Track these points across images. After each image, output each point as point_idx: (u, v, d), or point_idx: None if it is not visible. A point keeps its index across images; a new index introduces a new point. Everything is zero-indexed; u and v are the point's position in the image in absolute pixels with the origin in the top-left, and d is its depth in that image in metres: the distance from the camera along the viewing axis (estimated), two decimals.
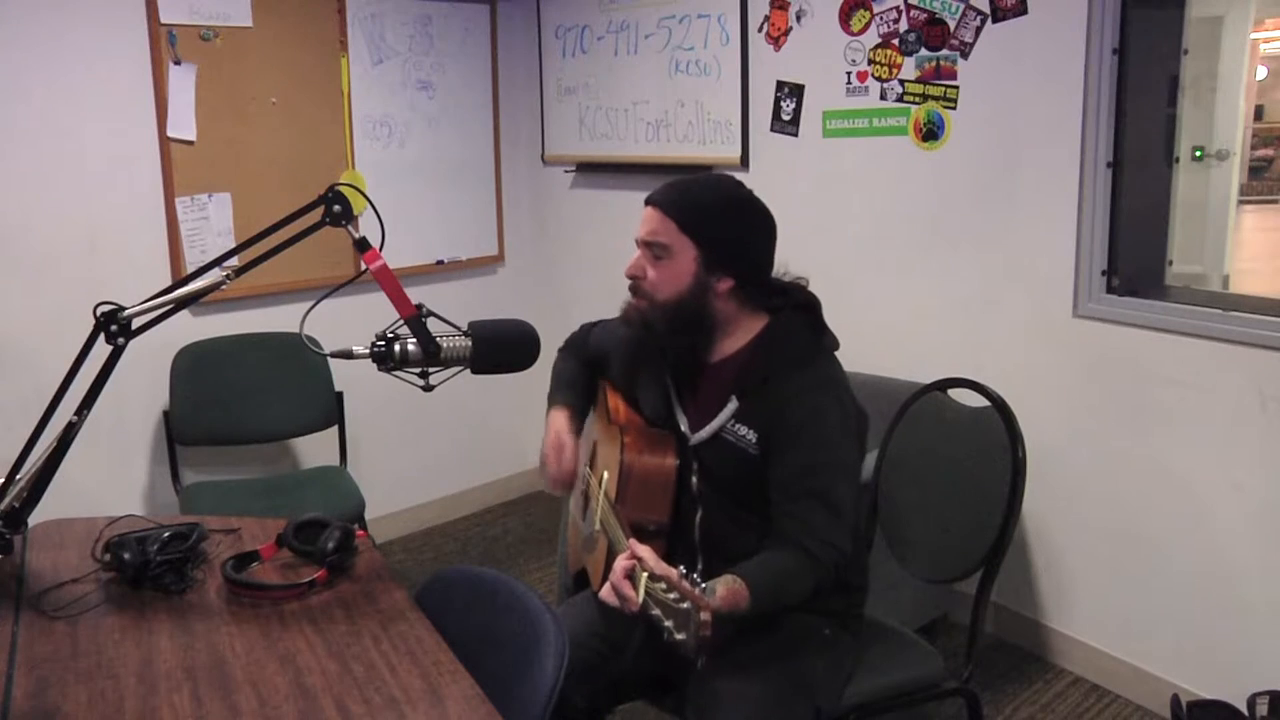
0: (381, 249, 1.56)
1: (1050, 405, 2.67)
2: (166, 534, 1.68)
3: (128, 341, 1.55)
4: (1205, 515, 2.44)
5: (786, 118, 3.14)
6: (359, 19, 3.42)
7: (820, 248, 3.04)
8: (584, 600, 1.89)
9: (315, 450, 3.47)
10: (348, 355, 1.54)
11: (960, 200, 2.79)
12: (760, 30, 3.17)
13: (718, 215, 1.69)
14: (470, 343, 1.56)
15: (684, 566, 1.39)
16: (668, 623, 1.31)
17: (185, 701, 1.32)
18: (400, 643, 1.49)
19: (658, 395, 1.85)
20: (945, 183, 2.81)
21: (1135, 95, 2.51)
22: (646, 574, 1.36)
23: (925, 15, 2.75)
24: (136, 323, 1.56)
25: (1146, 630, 2.60)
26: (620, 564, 1.43)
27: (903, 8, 2.80)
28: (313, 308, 1.67)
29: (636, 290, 1.76)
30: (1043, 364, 2.69)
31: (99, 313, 1.54)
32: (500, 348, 1.59)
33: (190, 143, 3.11)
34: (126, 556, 1.62)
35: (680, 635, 1.29)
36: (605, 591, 1.45)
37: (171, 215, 3.10)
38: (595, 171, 3.82)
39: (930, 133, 2.81)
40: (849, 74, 2.96)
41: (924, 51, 2.78)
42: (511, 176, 3.98)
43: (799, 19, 3.06)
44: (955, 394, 2.11)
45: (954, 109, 2.75)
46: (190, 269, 3.10)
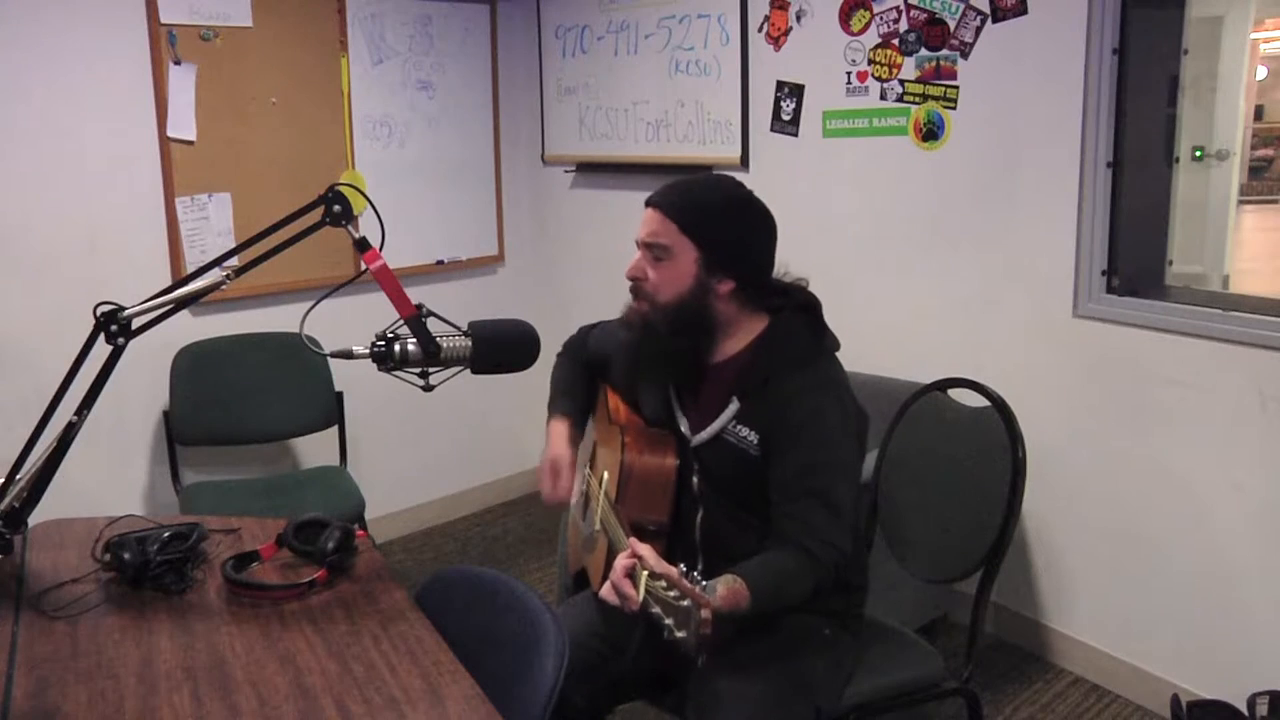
0: (381, 249, 1.56)
1: (1050, 405, 2.67)
2: (166, 534, 1.68)
3: (128, 341, 1.55)
4: (1205, 515, 2.44)
5: (786, 118, 3.14)
6: (359, 19, 3.42)
7: (820, 248, 3.04)
8: (584, 600, 1.89)
9: (315, 450, 3.47)
10: (348, 355, 1.54)
11: (960, 200, 2.79)
12: (760, 30, 3.17)
13: (718, 216, 1.69)
14: (470, 343, 1.56)
15: (684, 565, 1.39)
16: (668, 620, 1.31)
17: (185, 701, 1.32)
18: (400, 643, 1.49)
19: (658, 398, 1.85)
20: (945, 183, 2.81)
21: (1135, 95, 2.51)
22: (647, 572, 1.36)
23: (925, 15, 2.75)
24: (136, 323, 1.56)
25: (1146, 630, 2.60)
26: (621, 562, 1.43)
27: (903, 8, 2.80)
28: (313, 308, 1.67)
29: (638, 292, 1.75)
30: (1043, 364, 2.69)
31: (99, 313, 1.54)
32: (500, 348, 1.59)
33: (190, 143, 3.11)
34: (126, 556, 1.62)
35: (681, 633, 1.29)
36: (605, 590, 1.45)
37: (171, 215, 3.10)
38: (595, 171, 3.82)
39: (930, 133, 2.81)
40: (849, 74, 2.96)
41: (924, 51, 2.78)
42: (511, 176, 3.98)
43: (799, 19, 3.06)
44: (955, 394, 2.11)
45: (954, 109, 2.75)
46: (190, 269, 3.10)
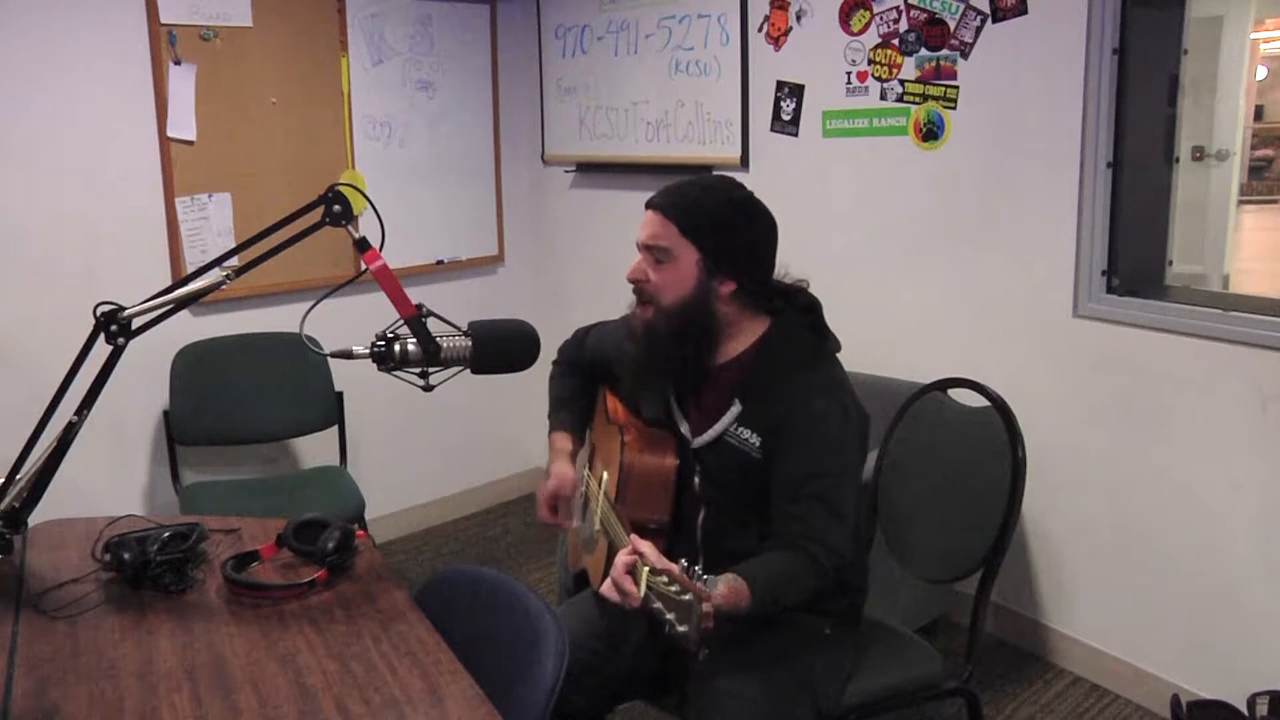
0: (381, 249, 1.56)
1: (1050, 405, 2.67)
2: (166, 534, 1.68)
3: (128, 341, 1.55)
4: (1205, 515, 2.44)
5: (786, 118, 3.14)
6: (359, 19, 3.42)
7: (820, 248, 3.04)
8: (584, 600, 1.89)
9: (315, 450, 3.47)
10: (348, 355, 1.54)
11: (960, 200, 2.79)
12: (760, 30, 3.16)
13: (718, 218, 1.69)
14: (470, 343, 1.56)
15: (685, 561, 1.39)
16: (670, 615, 1.31)
17: (185, 701, 1.32)
18: (400, 643, 1.48)
19: (658, 400, 1.85)
20: (945, 183, 2.81)
21: (1135, 95, 2.50)
22: (648, 568, 1.36)
23: (925, 15, 2.75)
24: (136, 323, 1.56)
25: (1146, 630, 2.60)
26: (621, 559, 1.43)
27: (903, 8, 2.80)
28: (313, 308, 1.67)
29: (641, 295, 1.75)
30: (1043, 364, 2.69)
31: (99, 313, 1.54)
32: (500, 348, 1.59)
33: (190, 143, 3.11)
34: (126, 556, 1.62)
35: (683, 628, 1.29)
36: (606, 587, 1.45)
37: (171, 215, 3.10)
38: (595, 171, 3.82)
39: (930, 133, 2.81)
40: (849, 74, 2.96)
41: (924, 51, 2.78)
42: (511, 176, 3.98)
43: (799, 19, 3.06)
44: (955, 394, 2.11)
45: (954, 109, 2.75)
46: (190, 269, 3.10)
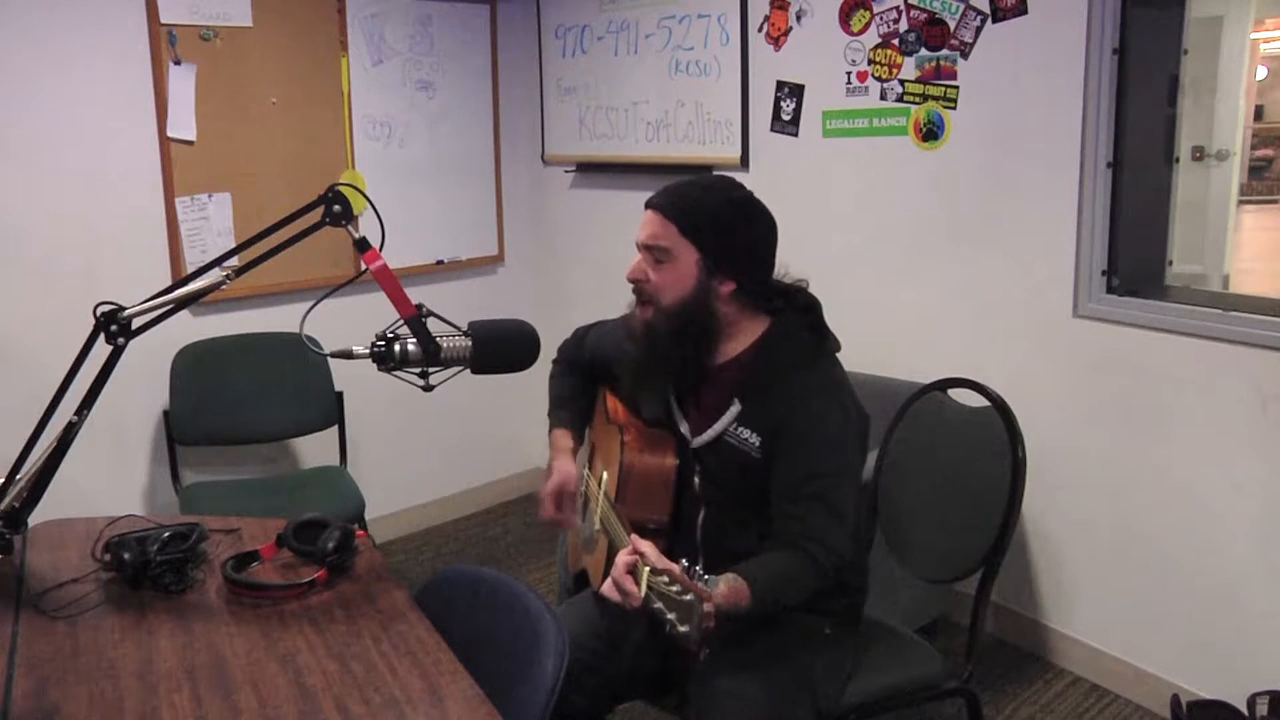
0: (381, 249, 1.56)
1: (1050, 405, 2.67)
2: (166, 534, 1.68)
3: (128, 341, 1.55)
4: (1205, 515, 2.44)
5: (786, 118, 3.14)
6: (359, 19, 3.42)
7: (820, 247, 3.04)
8: (584, 600, 1.89)
9: (315, 450, 3.47)
10: (348, 355, 1.54)
11: (960, 200, 2.79)
12: (760, 30, 3.16)
13: (718, 217, 1.68)
14: (470, 343, 1.56)
15: (685, 560, 1.39)
16: (670, 615, 1.31)
17: (185, 701, 1.32)
18: (400, 643, 1.48)
19: (658, 400, 1.85)
20: (945, 183, 2.81)
21: (1135, 95, 2.50)
22: (649, 568, 1.36)
23: (925, 15, 2.75)
24: (136, 323, 1.56)
25: (1146, 630, 2.60)
26: (622, 559, 1.43)
27: (903, 8, 2.80)
28: (313, 308, 1.67)
29: (641, 294, 1.75)
30: (1043, 364, 2.69)
31: (99, 313, 1.53)
32: (500, 348, 1.59)
33: (190, 143, 3.11)
34: (126, 556, 1.62)
35: (684, 628, 1.29)
36: (607, 587, 1.45)
37: (171, 215, 3.10)
38: (595, 171, 3.82)
39: (930, 133, 2.81)
40: (849, 74, 2.96)
41: (924, 51, 2.78)
42: (511, 176, 3.98)
43: (799, 19, 3.06)
44: (955, 394, 2.11)
45: (954, 109, 2.75)
46: (190, 269, 3.10)
